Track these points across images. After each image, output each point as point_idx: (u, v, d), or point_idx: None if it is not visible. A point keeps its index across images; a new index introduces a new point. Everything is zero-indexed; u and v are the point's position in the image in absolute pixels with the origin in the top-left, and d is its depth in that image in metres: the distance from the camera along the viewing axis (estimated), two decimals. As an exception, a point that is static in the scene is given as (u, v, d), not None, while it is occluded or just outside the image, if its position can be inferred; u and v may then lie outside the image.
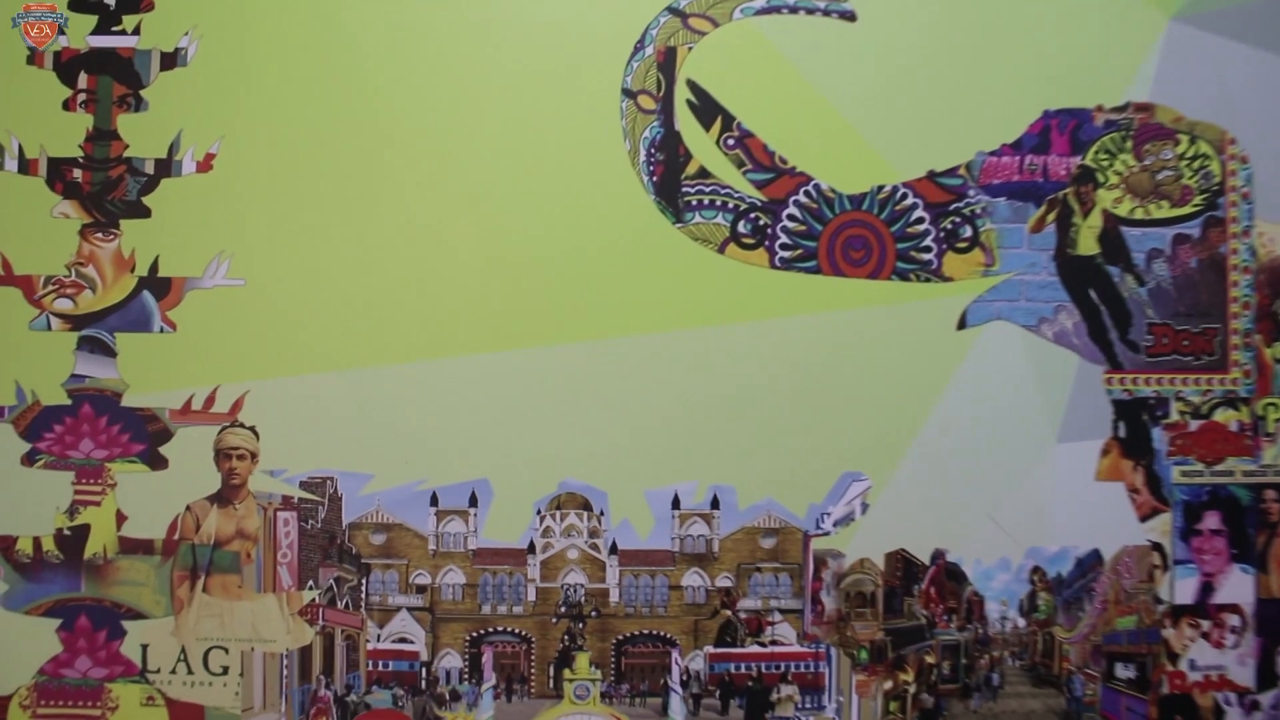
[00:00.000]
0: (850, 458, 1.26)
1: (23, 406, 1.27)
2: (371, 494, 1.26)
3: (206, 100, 1.28)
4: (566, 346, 1.26)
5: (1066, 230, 1.28)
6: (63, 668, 1.26)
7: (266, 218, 1.27)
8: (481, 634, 1.26)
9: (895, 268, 1.27)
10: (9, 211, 1.27)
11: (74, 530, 1.26)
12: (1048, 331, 1.27)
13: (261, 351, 1.27)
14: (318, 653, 1.26)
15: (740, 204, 1.26)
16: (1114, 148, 1.28)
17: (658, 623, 1.26)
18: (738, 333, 1.26)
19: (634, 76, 1.27)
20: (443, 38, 1.27)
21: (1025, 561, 1.27)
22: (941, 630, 1.27)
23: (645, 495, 1.26)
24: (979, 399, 1.27)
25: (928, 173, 1.27)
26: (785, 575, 1.26)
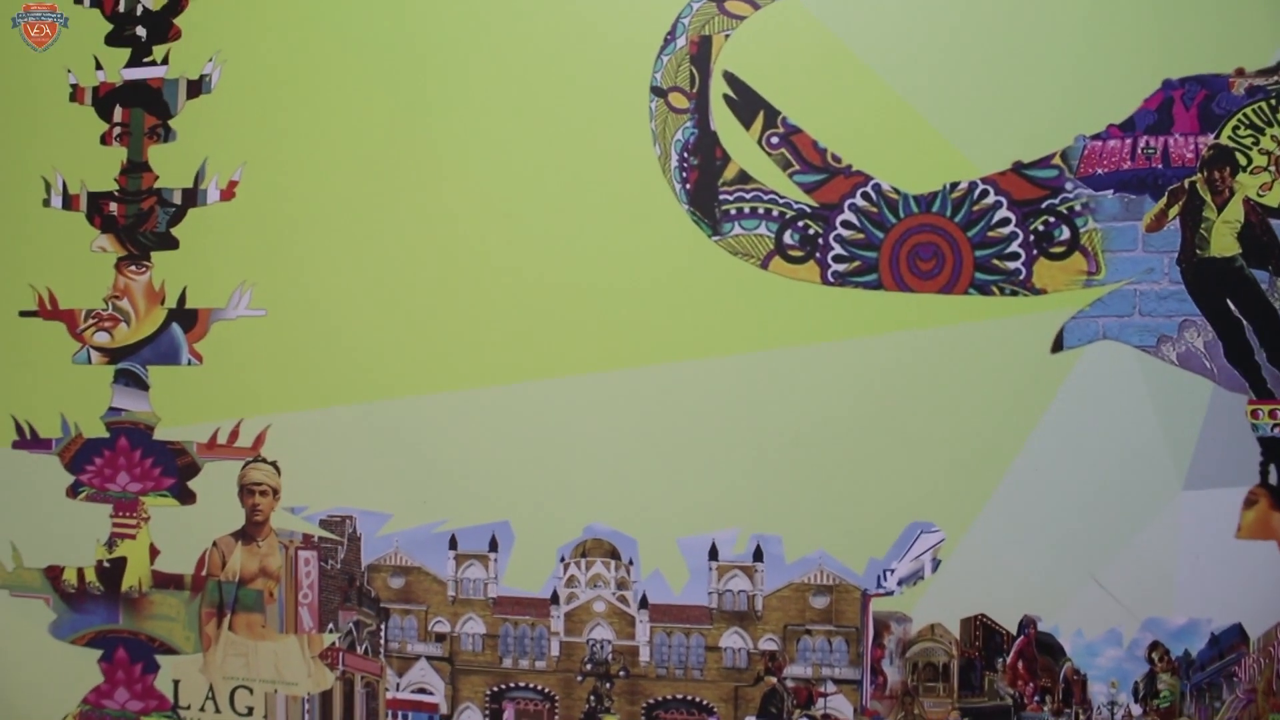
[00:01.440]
0: (919, 505, 1.06)
1: (67, 439, 1.27)
2: (390, 534, 1.18)
3: (231, 126, 1.23)
4: (594, 376, 1.13)
5: (1195, 227, 1.02)
6: (104, 698, 1.26)
7: (287, 245, 1.21)
8: (503, 689, 1.14)
9: (974, 279, 1.05)
10: (53, 247, 1.27)
11: (112, 563, 1.25)
12: (1170, 353, 1.02)
13: (284, 384, 1.21)
14: (338, 699, 1.19)
15: (786, 211, 1.09)
16: (1260, 121, 1.01)
17: (693, 687, 1.10)
18: (784, 359, 1.09)
19: (664, 72, 1.12)
20: (459, 60, 1.16)
21: (1141, 635, 1.02)
22: (1033, 714, 1.04)
23: (679, 544, 1.11)
24: (1080, 436, 1.03)
25: (1013, 165, 1.05)
26: (840, 640, 1.07)
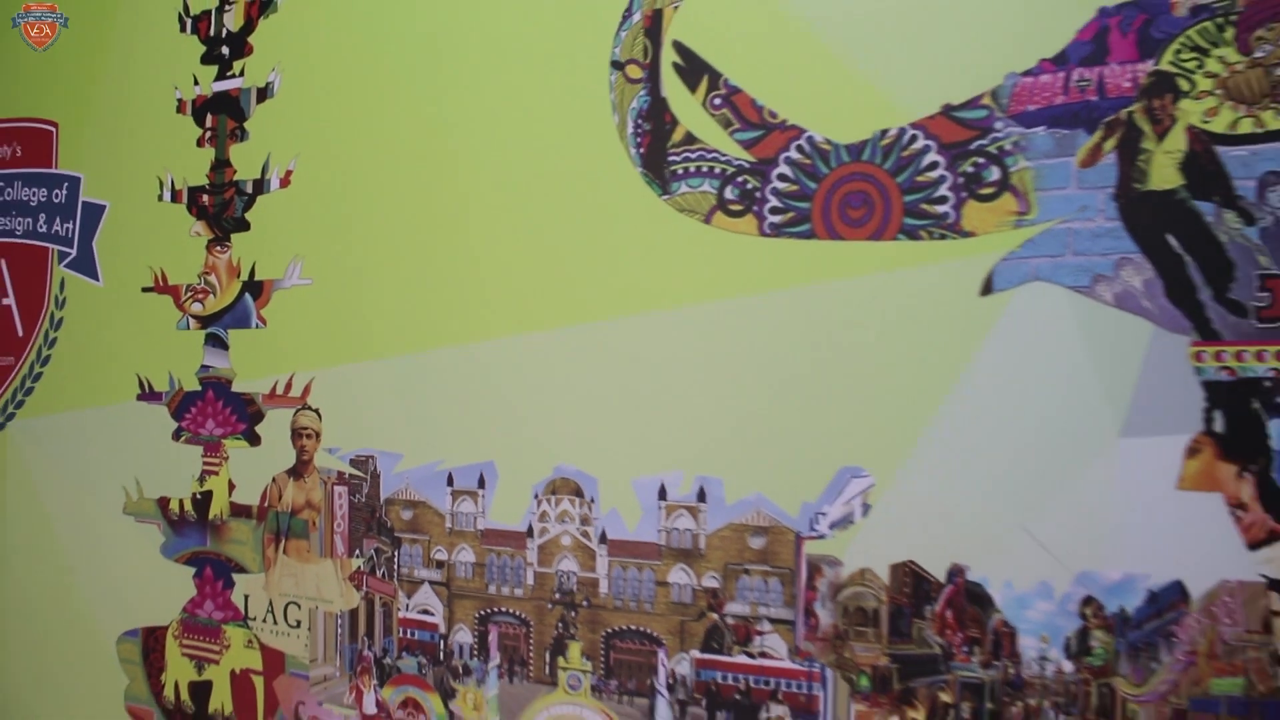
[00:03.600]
0: (850, 450, 1.07)
1: (173, 392, 1.53)
2: (402, 472, 1.33)
3: (287, 125, 1.44)
4: (562, 330, 1.23)
5: (1133, 160, 0.96)
6: (196, 609, 1.50)
7: (329, 224, 1.40)
8: (488, 613, 1.27)
9: (903, 225, 1.05)
10: (163, 233, 1.54)
11: (202, 495, 1.50)
12: (1106, 293, 0.97)
13: (326, 342, 1.40)
14: (362, 617, 1.36)
15: (727, 168, 1.14)
16: (1205, 42, 0.94)
17: (645, 619, 1.17)
18: (725, 310, 1.14)
19: (622, 47, 1.20)
20: (450, 51, 1.30)
21: (1074, 589, 0.98)
22: (960, 664, 1.02)
23: (633, 484, 1.18)
24: (1011, 381, 1.01)
25: (943, 107, 1.04)
26: (776, 580, 1.10)
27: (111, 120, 1.61)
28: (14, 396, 1.68)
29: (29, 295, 1.66)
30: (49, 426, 1.66)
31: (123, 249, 1.59)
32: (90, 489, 1.60)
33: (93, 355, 1.62)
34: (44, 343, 1.65)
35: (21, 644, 1.70)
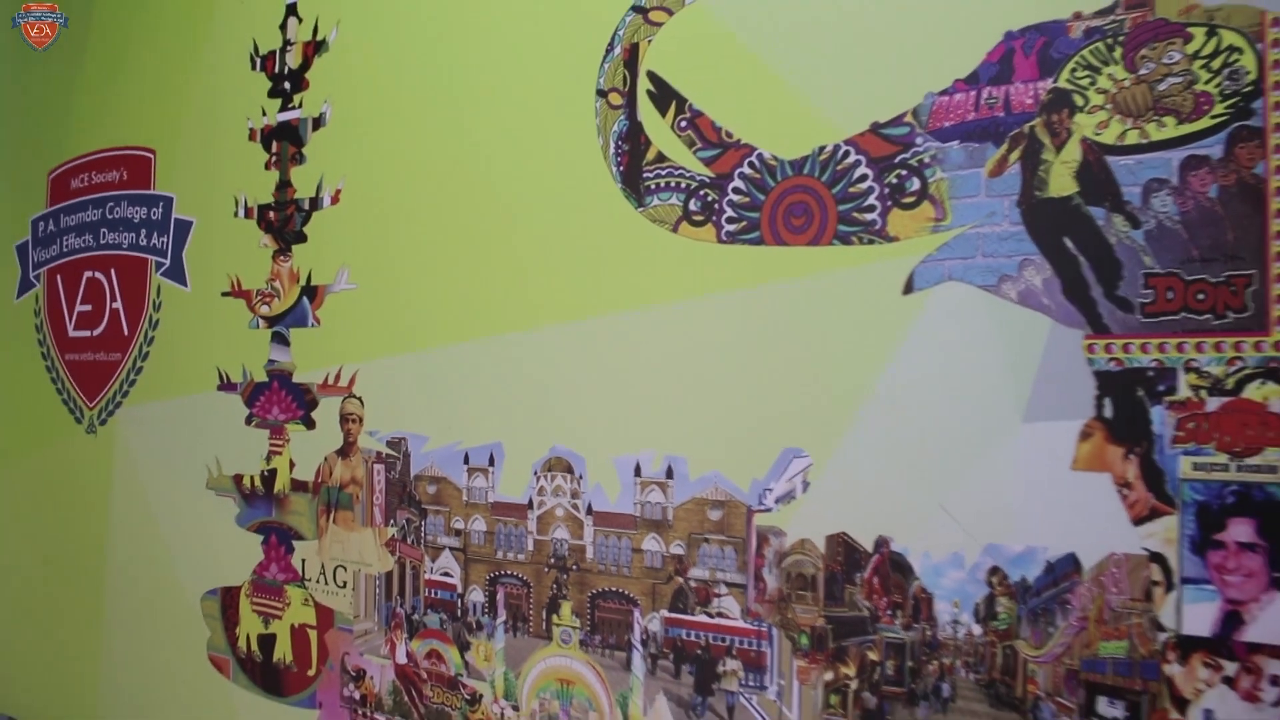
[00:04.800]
0: (792, 432, 1.21)
1: (246, 383, 1.78)
2: (428, 452, 1.53)
3: (337, 150, 1.66)
4: (555, 326, 1.40)
5: (1034, 170, 1.07)
6: (263, 571, 1.74)
7: (370, 236, 1.61)
8: (496, 575, 1.45)
9: (837, 231, 1.18)
10: (238, 245, 1.79)
11: (269, 472, 1.74)
12: (1011, 291, 1.08)
13: (368, 339, 1.61)
14: (395, 578, 1.57)
15: (691, 183, 1.29)
16: (1097, 61, 1.04)
17: (623, 582, 1.33)
18: (688, 309, 1.29)
19: (605, 76, 1.36)
20: (467, 85, 1.50)
21: (982, 560, 1.09)
22: (885, 626, 1.14)
23: (614, 462, 1.35)
24: (929, 371, 1.12)
25: (871, 125, 1.16)
26: (730, 549, 1.25)
27: (198, 147, 1.87)
28: (120, 388, 1.97)
29: (132, 300, 1.95)
30: (147, 414, 1.94)
31: (206, 259, 1.85)
32: (179, 468, 1.87)
33: (182, 352, 1.88)
34: (144, 341, 1.93)
35: (124, 601, 1.98)
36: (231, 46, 1.81)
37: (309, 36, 1.70)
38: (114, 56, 1.97)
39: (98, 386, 1.99)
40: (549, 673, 1.39)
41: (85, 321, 2.01)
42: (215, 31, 1.84)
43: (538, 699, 1.40)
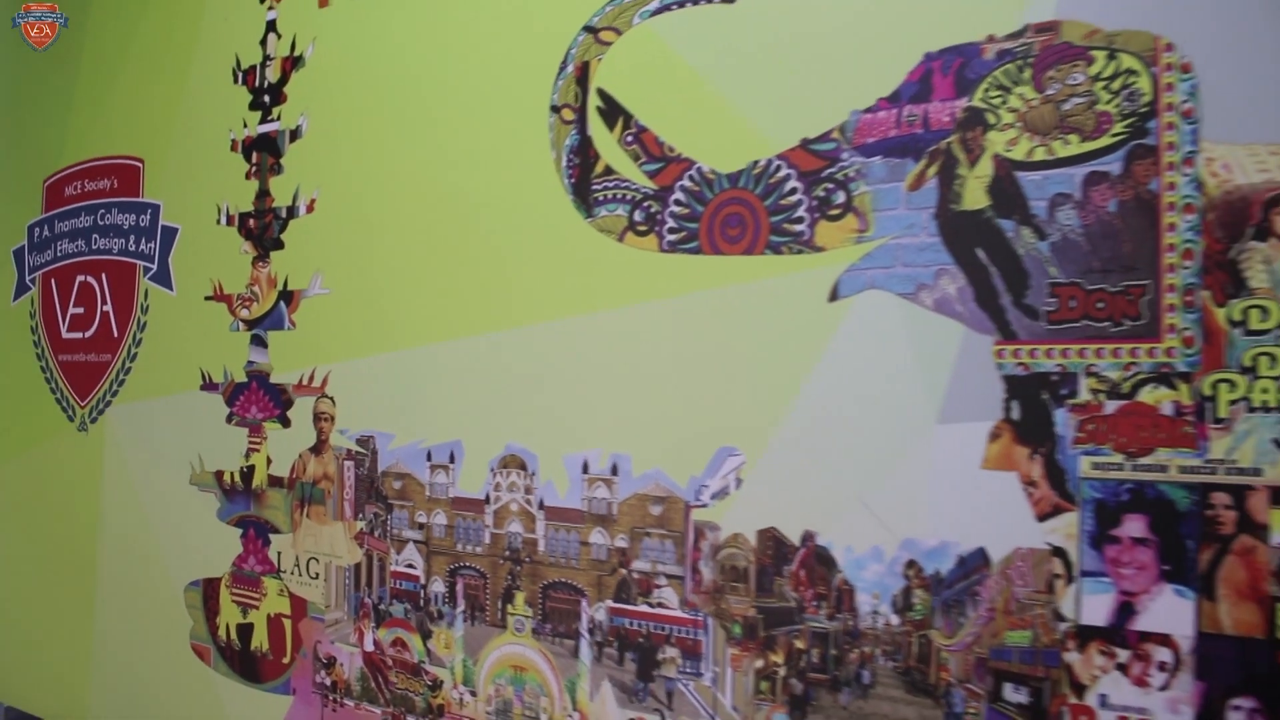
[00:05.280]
0: (727, 432, 1.25)
1: (226, 383, 1.83)
2: (394, 449, 1.58)
3: (312, 161, 1.72)
4: (510, 331, 1.45)
5: (950, 184, 1.11)
6: (242, 563, 1.80)
7: (342, 243, 1.67)
8: (456, 567, 1.50)
9: (769, 242, 1.23)
10: (220, 251, 1.85)
11: (247, 469, 1.79)
12: (927, 299, 1.12)
13: (340, 341, 1.66)
14: (364, 569, 1.62)
15: (636, 195, 1.33)
16: (1009, 81, 1.08)
17: (572, 573, 1.38)
18: (632, 314, 1.33)
19: (559, 93, 1.41)
20: (434, 101, 1.55)
21: (900, 553, 1.13)
22: (811, 616, 1.19)
23: (564, 460, 1.39)
24: (852, 374, 1.17)
25: (801, 141, 1.21)
26: (670, 542, 1.29)
27: (184, 157, 1.93)
28: (110, 387, 2.03)
29: (122, 303, 2.01)
30: (135, 412, 1.99)
31: (190, 264, 1.91)
32: (165, 464, 1.93)
33: (168, 353, 1.94)
34: (133, 343, 1.99)
35: (115, 592, 2.04)
36: (216, 61, 1.87)
37: (287, 52, 1.76)
38: (107, 69, 2.03)
39: (89, 386, 2.05)
40: (504, 660, 1.44)
41: (78, 324, 2.07)
42: (201, 47, 1.90)
43: (494, 685, 1.45)
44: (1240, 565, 0.96)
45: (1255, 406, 0.95)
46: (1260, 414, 0.95)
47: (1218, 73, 0.98)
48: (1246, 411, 0.96)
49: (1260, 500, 0.95)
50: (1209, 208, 0.98)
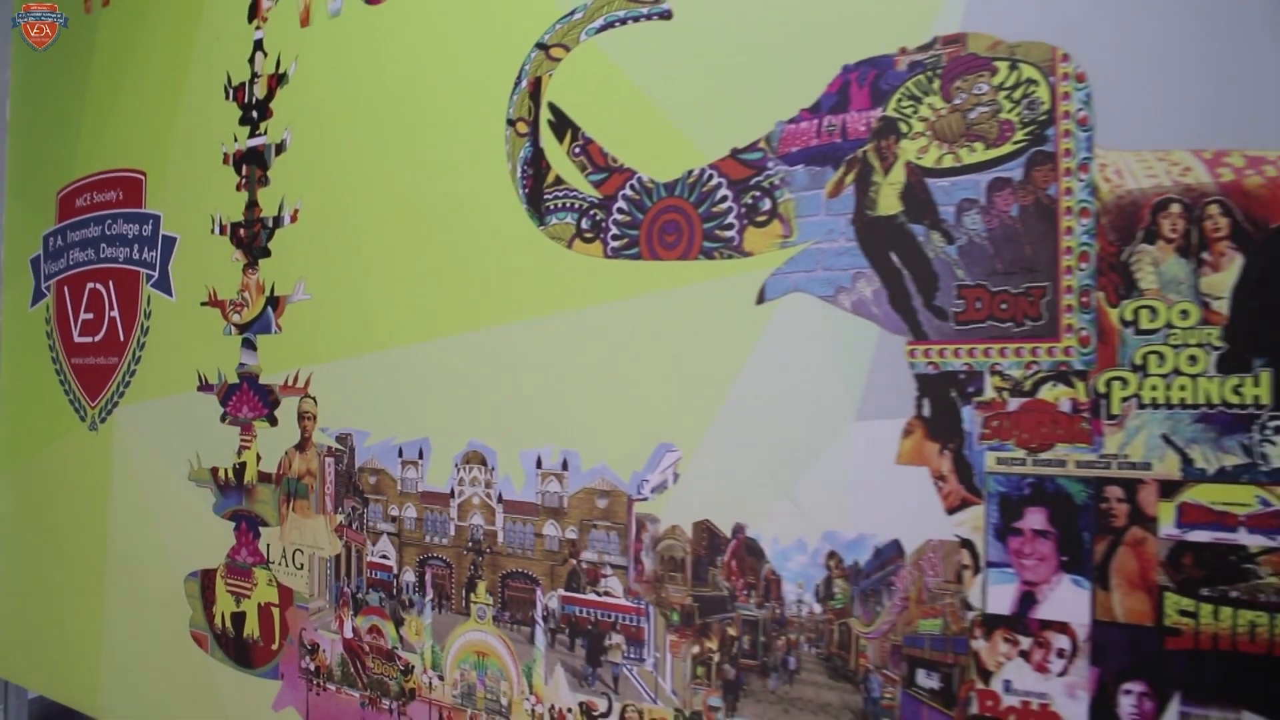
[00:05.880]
0: (665, 429, 1.29)
1: (221, 384, 1.91)
2: (370, 446, 1.65)
3: (296, 173, 1.78)
4: (471, 334, 1.50)
5: (866, 191, 1.15)
6: (235, 554, 1.87)
7: (324, 251, 1.73)
8: (425, 557, 1.56)
9: (702, 247, 1.27)
10: (214, 260, 1.92)
11: (239, 465, 1.86)
12: (845, 301, 1.16)
13: (321, 344, 1.73)
14: (343, 560, 1.68)
15: (583, 204, 1.38)
16: (919, 92, 1.11)
17: (527, 563, 1.43)
18: (580, 317, 1.38)
19: (514, 108, 1.46)
20: (406, 117, 1.60)
21: (822, 545, 1.17)
22: (742, 605, 1.23)
23: (520, 455, 1.44)
24: (777, 373, 1.20)
25: (731, 151, 1.25)
26: (615, 534, 1.34)
27: (182, 169, 2.01)
28: (117, 389, 2.12)
29: (127, 309, 2.09)
30: (140, 412, 2.08)
31: (188, 272, 1.98)
32: (167, 461, 2.01)
33: (168, 356, 2.02)
34: (137, 346, 2.07)
35: (122, 582, 2.13)
36: (210, 79, 1.94)
37: (273, 69, 1.82)
38: (113, 87, 2.11)
39: (98, 387, 2.14)
40: (468, 646, 1.50)
41: (88, 328, 2.16)
42: (196, 65, 1.97)
43: (459, 670, 1.51)
44: (1131, 556, 0.98)
45: (1145, 403, 0.98)
46: (1150, 410, 0.97)
47: (1110, 82, 1.00)
48: (1137, 408, 0.98)
49: (1150, 493, 0.97)
50: (1103, 212, 1.00)
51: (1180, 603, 0.96)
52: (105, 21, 2.15)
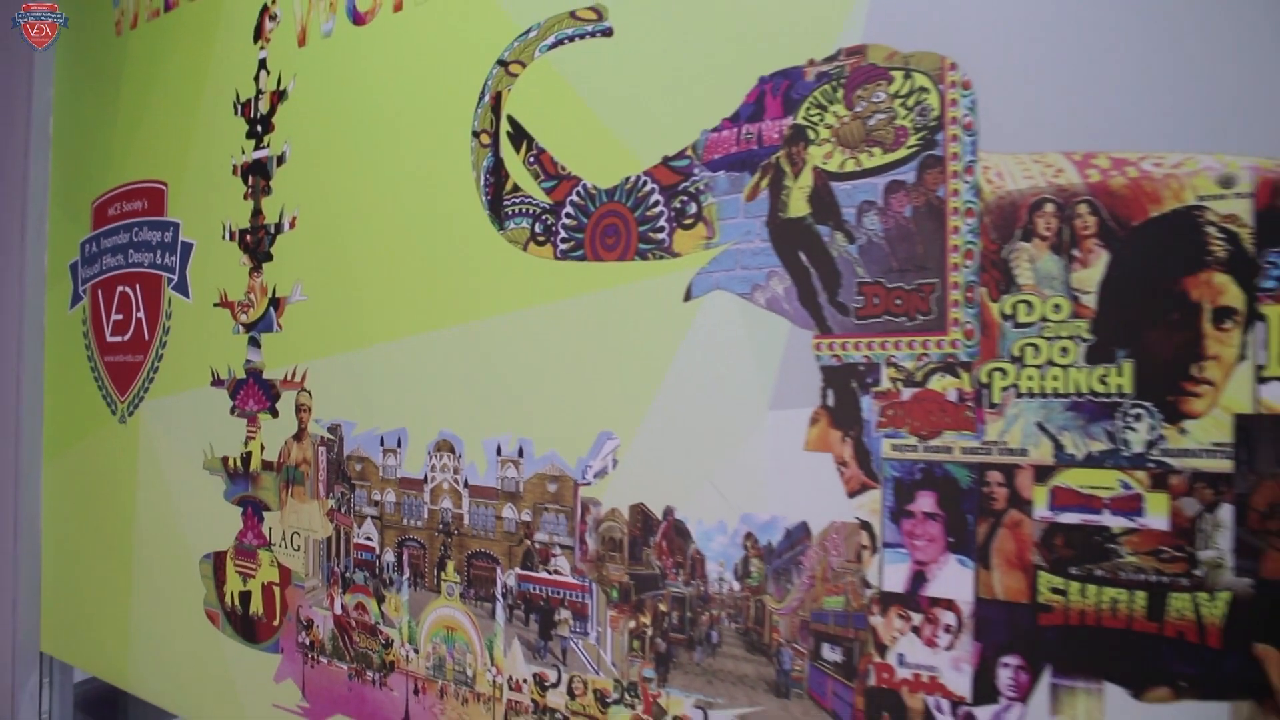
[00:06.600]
0: (606, 418, 1.37)
1: (230, 380, 2.04)
2: (356, 436, 1.75)
3: (294, 183, 1.90)
4: (441, 331, 1.59)
5: (778, 194, 1.21)
6: (243, 537, 2.00)
7: (318, 255, 1.84)
8: (403, 539, 1.66)
9: (637, 249, 1.34)
10: (225, 264, 2.05)
11: (246, 455, 1.99)
12: (760, 298, 1.22)
13: (316, 342, 1.84)
14: (333, 542, 1.79)
15: (537, 209, 1.46)
16: (825, 100, 1.17)
17: (489, 544, 1.52)
18: (534, 315, 1.46)
19: (478, 120, 1.55)
20: (391, 131, 1.71)
21: (740, 527, 1.23)
22: (672, 582, 1.30)
23: (483, 443, 1.53)
24: (701, 366, 1.27)
25: (662, 158, 1.32)
26: (563, 516, 1.42)
27: (197, 180, 2.14)
28: (143, 385, 2.26)
29: (151, 310, 2.23)
30: (162, 406, 2.22)
31: (203, 275, 2.12)
32: (186, 451, 2.14)
33: (186, 354, 2.16)
34: (159, 345, 2.22)
35: (147, 564, 2.28)
36: (221, 96, 2.07)
37: (274, 86, 1.94)
38: (139, 104, 2.26)
39: (127, 383, 2.29)
40: (439, 621, 1.59)
41: (118, 329, 2.31)
42: (210, 83, 2.11)
43: (431, 643, 1.60)
44: (1010, 537, 1.03)
45: (1022, 392, 1.03)
46: (1026, 399, 1.02)
47: (993, 89, 1.05)
48: (1015, 397, 1.03)
49: (1026, 478, 1.02)
50: (985, 212, 1.05)
51: (1052, 581, 1.00)
52: (134, 43, 2.31)
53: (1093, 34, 1.00)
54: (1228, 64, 0.92)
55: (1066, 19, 1.01)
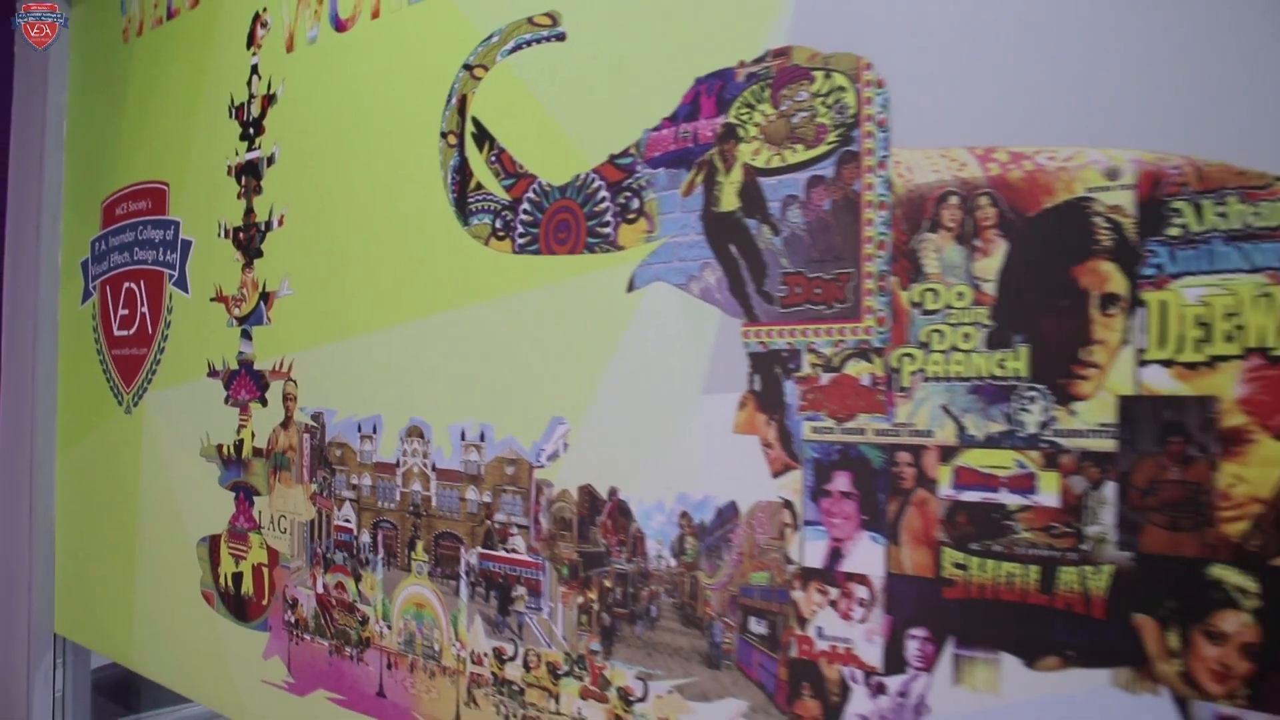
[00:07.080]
0: (557, 403, 1.43)
1: (225, 371, 2.12)
2: (336, 423, 1.82)
3: (282, 183, 1.98)
4: (412, 323, 1.66)
5: (712, 190, 1.26)
6: (235, 521, 2.08)
7: (305, 251, 1.92)
8: (378, 521, 1.73)
9: (585, 243, 1.40)
10: (221, 260, 2.13)
11: (238, 442, 2.07)
12: (695, 289, 1.27)
13: (301, 334, 1.92)
14: (316, 525, 1.86)
15: (497, 206, 1.52)
16: (754, 100, 1.22)
17: (454, 524, 1.58)
18: (494, 307, 1.52)
19: (446, 122, 1.62)
20: (372, 134, 1.78)
21: (676, 506, 1.28)
22: (615, 559, 1.35)
23: (449, 428, 1.60)
24: (643, 353, 1.33)
25: (609, 156, 1.37)
26: (519, 497, 1.48)
27: (196, 180, 2.23)
28: (147, 376, 2.36)
29: (154, 306, 2.33)
30: (164, 397, 2.31)
31: (200, 271, 2.20)
32: (185, 439, 2.23)
33: (185, 347, 2.25)
34: (161, 339, 2.31)
35: (150, 547, 2.37)
36: (218, 100, 2.16)
37: (265, 90, 2.02)
38: (144, 107, 2.35)
39: (132, 375, 2.38)
40: (409, 599, 1.66)
41: (124, 323, 2.41)
42: (208, 87, 2.19)
43: (403, 620, 1.67)
44: (917, 514, 1.07)
45: (929, 377, 1.07)
46: (932, 383, 1.07)
47: (904, 87, 1.09)
48: (922, 381, 1.07)
49: (932, 458, 1.06)
50: (897, 204, 1.09)
51: (954, 556, 1.04)
52: (140, 50, 2.40)
53: (995, 35, 1.04)
54: (1115, 61, 0.96)
55: (974, 22, 1.06)
